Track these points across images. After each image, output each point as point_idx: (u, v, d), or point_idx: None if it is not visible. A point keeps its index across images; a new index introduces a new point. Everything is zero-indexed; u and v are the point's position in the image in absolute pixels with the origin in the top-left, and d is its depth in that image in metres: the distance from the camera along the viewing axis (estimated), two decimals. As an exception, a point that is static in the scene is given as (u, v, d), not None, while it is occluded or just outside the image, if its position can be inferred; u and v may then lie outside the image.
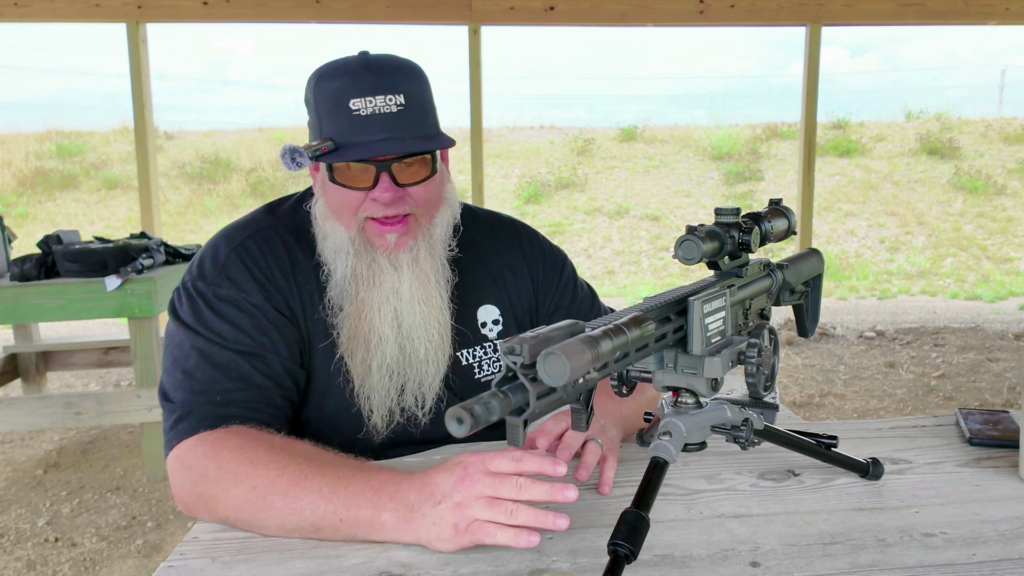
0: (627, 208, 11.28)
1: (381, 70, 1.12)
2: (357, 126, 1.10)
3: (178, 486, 1.05)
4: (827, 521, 0.95)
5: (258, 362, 1.12)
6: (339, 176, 1.14)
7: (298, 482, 0.96)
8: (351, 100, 1.10)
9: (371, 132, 1.10)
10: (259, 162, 12.50)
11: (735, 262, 0.93)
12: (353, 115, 1.10)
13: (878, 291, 8.73)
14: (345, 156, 1.10)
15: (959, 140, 12.56)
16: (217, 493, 0.99)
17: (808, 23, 6.24)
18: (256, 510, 0.96)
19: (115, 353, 4.37)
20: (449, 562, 0.87)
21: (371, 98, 1.10)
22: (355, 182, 1.14)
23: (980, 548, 0.88)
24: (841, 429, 1.26)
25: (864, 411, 4.42)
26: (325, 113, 1.12)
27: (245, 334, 1.13)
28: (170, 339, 1.15)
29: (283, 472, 0.97)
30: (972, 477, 1.09)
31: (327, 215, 1.19)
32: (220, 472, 1.00)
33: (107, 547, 2.80)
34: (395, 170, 1.13)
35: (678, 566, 0.85)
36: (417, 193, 1.17)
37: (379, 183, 1.12)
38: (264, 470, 0.98)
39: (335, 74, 1.13)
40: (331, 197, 1.18)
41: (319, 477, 0.96)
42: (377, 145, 1.10)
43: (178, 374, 1.11)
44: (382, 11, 5.86)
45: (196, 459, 1.04)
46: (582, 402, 0.72)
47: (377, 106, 1.10)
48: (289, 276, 1.19)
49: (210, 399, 1.08)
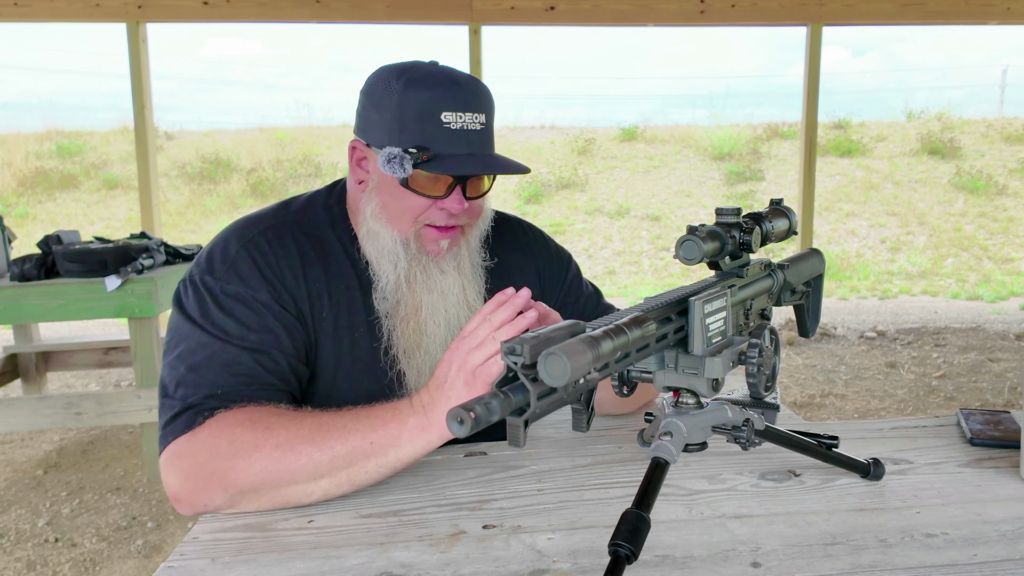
0: (628, 208, 11.28)
1: (469, 88, 1.16)
2: (446, 138, 1.13)
3: (178, 479, 1.03)
4: (828, 521, 0.95)
5: (264, 359, 1.12)
6: (413, 182, 1.15)
7: (319, 427, 1.02)
8: (443, 112, 1.13)
9: (458, 146, 1.14)
10: (259, 162, 12.50)
11: (736, 262, 0.93)
12: (443, 127, 1.13)
13: (879, 291, 8.73)
14: (440, 168, 1.12)
15: (960, 140, 12.55)
16: (236, 463, 0.99)
17: (809, 23, 6.24)
18: (285, 464, 0.99)
19: (115, 353, 4.37)
20: (449, 562, 0.87)
21: (461, 114, 1.14)
22: (428, 190, 1.16)
23: (981, 549, 0.88)
24: (842, 429, 1.25)
25: (865, 411, 4.42)
26: (412, 120, 1.13)
27: (251, 331, 1.12)
28: (174, 333, 1.14)
29: (302, 425, 1.02)
30: (973, 477, 1.09)
31: (379, 215, 1.19)
32: (235, 444, 1.00)
33: (107, 547, 2.80)
34: (468, 184, 1.17)
35: (679, 567, 0.85)
36: (475, 206, 1.22)
37: (452, 194, 1.16)
38: (283, 429, 1.01)
39: (426, 83, 1.14)
40: (392, 200, 1.18)
41: (338, 418, 1.03)
42: (466, 160, 1.14)
43: (181, 369, 1.10)
44: (383, 11, 5.87)
45: (200, 443, 1.03)
46: (583, 402, 0.72)
47: (466, 122, 1.14)
48: (299, 274, 1.19)
49: (213, 395, 1.07)
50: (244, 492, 1.00)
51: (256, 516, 1.00)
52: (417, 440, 1.01)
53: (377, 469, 1.02)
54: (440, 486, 1.08)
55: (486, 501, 1.03)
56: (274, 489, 1.00)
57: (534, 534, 0.93)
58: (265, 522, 0.99)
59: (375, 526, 0.96)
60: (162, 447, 1.07)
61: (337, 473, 1.01)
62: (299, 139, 13.26)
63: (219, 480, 1.00)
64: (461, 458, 1.18)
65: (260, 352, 1.12)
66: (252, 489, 1.00)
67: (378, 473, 1.03)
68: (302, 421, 1.03)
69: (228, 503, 1.01)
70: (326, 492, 1.02)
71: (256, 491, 1.00)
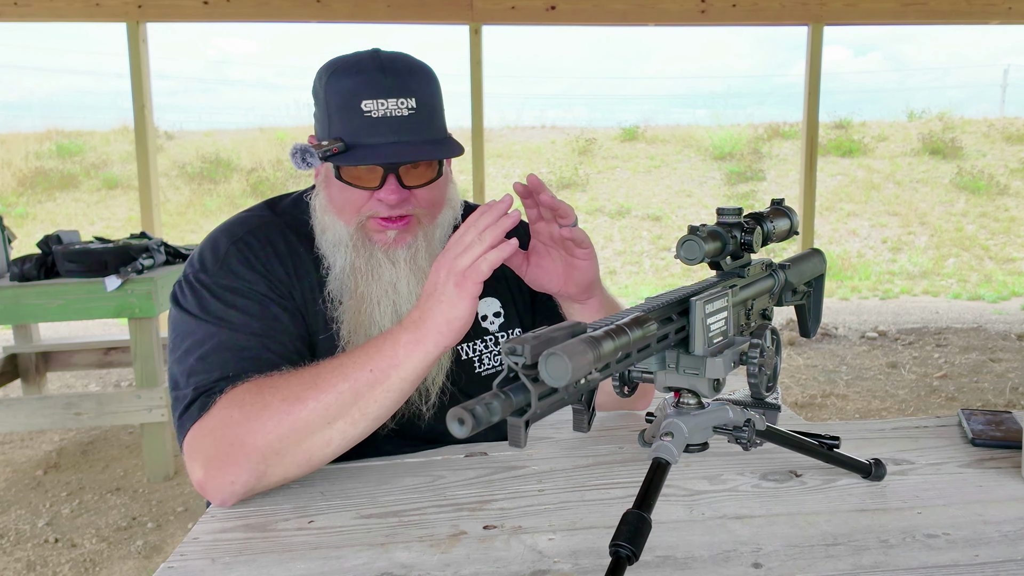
0: (629, 208, 11.28)
1: (395, 72, 1.12)
2: (368, 127, 1.10)
3: (200, 464, 1.01)
4: (829, 522, 0.95)
5: (271, 343, 1.12)
6: (346, 175, 1.14)
7: (319, 373, 1.03)
8: (363, 101, 1.10)
9: (381, 134, 1.10)
10: (260, 162, 12.49)
11: (737, 262, 0.93)
12: (364, 116, 1.10)
13: (880, 291, 8.72)
14: (355, 159, 1.10)
15: (961, 140, 12.55)
16: (251, 426, 1.00)
17: (810, 22, 6.24)
18: (295, 415, 1.00)
19: (115, 354, 4.36)
20: (450, 563, 0.87)
21: (383, 100, 1.10)
22: (361, 182, 1.14)
23: (983, 549, 0.88)
24: (843, 430, 1.25)
25: (866, 412, 4.41)
26: (335, 111, 1.12)
27: (255, 319, 1.12)
28: (177, 330, 1.14)
29: (303, 376, 1.04)
30: (975, 478, 1.08)
31: (327, 209, 1.19)
32: (245, 408, 1.01)
33: (107, 548, 2.80)
34: (402, 172, 1.13)
35: (680, 567, 0.85)
36: (422, 195, 1.18)
37: (386, 184, 1.13)
38: (284, 384, 1.03)
39: (348, 72, 1.12)
40: (335, 193, 1.18)
41: (335, 360, 1.05)
42: (387, 148, 1.10)
43: (190, 360, 1.09)
44: (383, 10, 5.86)
45: (214, 420, 1.02)
46: (584, 403, 0.72)
47: (389, 109, 1.10)
48: (290, 270, 1.19)
49: (224, 377, 1.07)
50: (266, 457, 1.00)
51: (256, 516, 1.00)
52: (414, 355, 1.03)
53: (385, 395, 1.03)
54: (441, 486, 1.08)
55: (487, 502, 1.03)
56: (294, 445, 1.01)
57: (535, 535, 0.93)
58: (265, 522, 0.98)
59: (375, 526, 0.96)
60: (181, 438, 1.06)
61: (348, 410, 1.02)
62: (300, 139, 13.15)
63: (239, 450, 0.99)
64: (462, 458, 1.18)
65: (266, 337, 1.12)
66: (273, 451, 1.00)
67: (387, 399, 1.04)
68: (302, 373, 1.05)
69: (255, 476, 1.00)
70: (344, 434, 1.03)
71: (277, 453, 1.00)
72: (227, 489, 1.00)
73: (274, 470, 1.02)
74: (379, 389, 1.02)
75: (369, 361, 1.02)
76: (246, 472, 1.00)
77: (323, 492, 1.06)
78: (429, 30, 13.61)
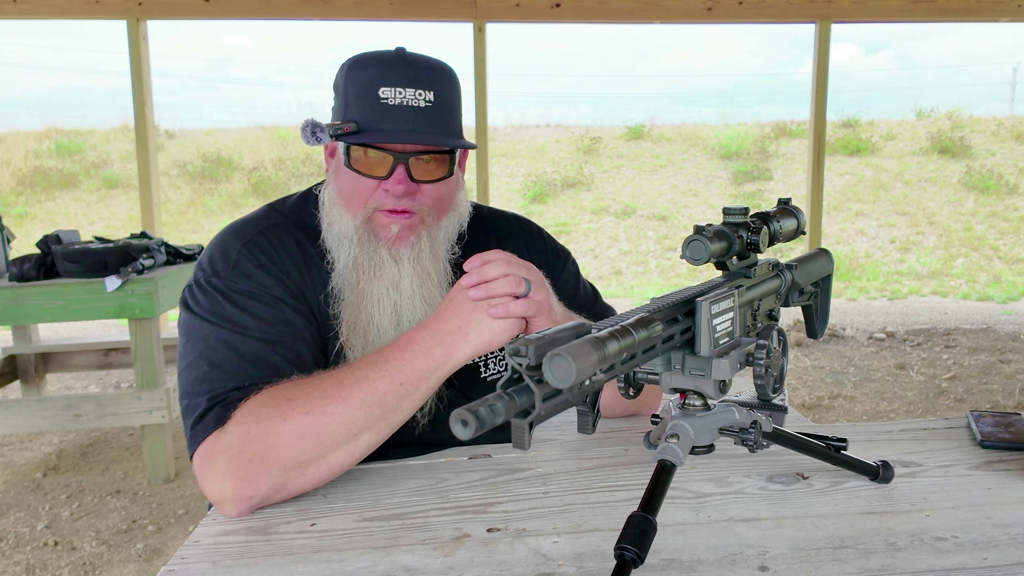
0: (634, 208, 11.26)
1: (416, 65, 1.13)
2: (383, 114, 1.10)
3: (217, 479, 0.99)
4: (836, 525, 0.94)
5: (284, 350, 1.10)
6: (355, 163, 1.14)
7: (342, 384, 1.01)
8: (381, 88, 1.10)
9: (396, 122, 1.10)
10: (261, 161, 12.50)
11: (743, 262, 0.92)
12: (380, 102, 1.10)
13: (888, 292, 8.69)
14: (365, 139, 1.10)
15: (970, 139, 12.50)
16: (272, 442, 0.98)
17: (818, 20, 6.22)
18: (320, 428, 0.99)
19: (115, 355, 4.36)
20: (453, 566, 0.86)
21: (401, 89, 1.11)
22: (370, 170, 1.14)
23: (992, 552, 0.87)
24: (851, 432, 1.24)
25: (874, 413, 4.39)
26: (353, 98, 1.12)
27: (268, 324, 1.11)
28: (190, 335, 1.12)
29: (321, 387, 1.02)
30: (983, 480, 1.07)
31: (336, 201, 1.19)
32: (263, 424, 0.99)
33: (107, 551, 2.79)
34: (412, 164, 1.13)
35: (686, 570, 0.84)
36: (429, 192, 1.17)
37: (394, 174, 1.13)
38: (305, 396, 1.01)
39: (369, 62, 1.13)
40: (343, 183, 1.17)
41: (356, 370, 1.03)
42: (399, 135, 1.10)
43: (203, 367, 1.08)
44: (386, 8, 5.86)
45: (230, 436, 1.00)
46: (588, 404, 0.71)
47: (406, 98, 1.11)
48: (302, 269, 1.18)
49: (239, 387, 1.05)
50: (288, 470, 0.99)
51: (258, 519, 0.99)
52: (444, 367, 1.04)
53: (411, 405, 1.05)
54: (444, 489, 1.07)
55: (490, 504, 1.02)
56: (318, 458, 1.00)
57: (539, 537, 0.92)
58: (267, 525, 0.98)
59: (378, 529, 0.95)
60: (193, 448, 1.04)
61: (376, 422, 1.02)
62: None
63: (260, 464, 0.98)
64: (465, 461, 1.18)
65: (279, 343, 1.10)
66: (295, 464, 0.99)
67: (412, 408, 1.05)
68: (321, 383, 1.03)
69: (275, 487, 0.99)
70: (369, 443, 1.04)
71: (300, 466, 0.99)
72: (245, 503, 0.99)
73: (295, 482, 1.01)
74: (407, 401, 1.03)
75: (400, 373, 1.02)
76: (266, 486, 0.99)
77: (325, 495, 1.06)
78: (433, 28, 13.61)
